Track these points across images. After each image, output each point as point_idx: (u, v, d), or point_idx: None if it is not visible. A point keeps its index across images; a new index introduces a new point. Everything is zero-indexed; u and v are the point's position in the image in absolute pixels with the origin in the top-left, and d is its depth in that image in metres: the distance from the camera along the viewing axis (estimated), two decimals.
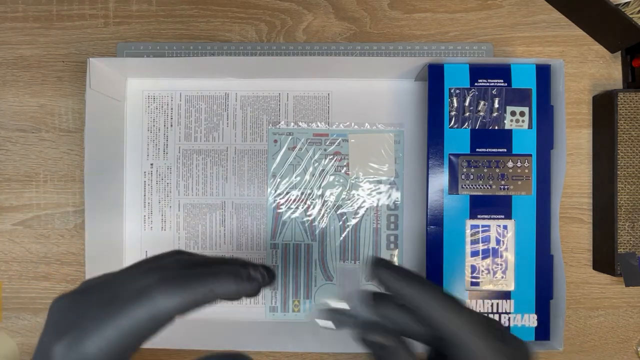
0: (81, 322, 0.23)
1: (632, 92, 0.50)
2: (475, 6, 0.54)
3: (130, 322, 0.23)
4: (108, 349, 0.23)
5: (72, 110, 0.54)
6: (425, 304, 0.24)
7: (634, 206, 0.49)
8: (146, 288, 0.24)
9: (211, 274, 0.25)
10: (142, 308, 0.23)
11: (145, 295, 0.23)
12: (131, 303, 0.23)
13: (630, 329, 0.53)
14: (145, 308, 0.23)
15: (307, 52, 0.54)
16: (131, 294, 0.24)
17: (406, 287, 0.25)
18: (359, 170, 0.53)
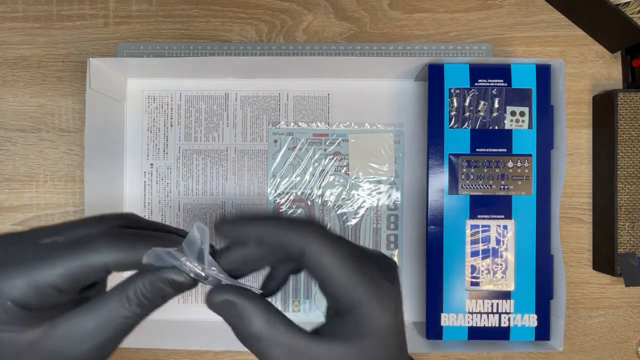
0: (10, 260, 0.23)
1: (632, 92, 0.49)
2: (475, 6, 0.54)
3: (64, 265, 0.22)
4: (35, 290, 0.22)
5: (72, 110, 0.54)
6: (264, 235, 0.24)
7: (634, 206, 0.49)
8: (88, 237, 0.23)
9: (158, 237, 0.25)
10: (79, 254, 0.23)
11: (86, 243, 0.23)
12: (68, 248, 0.23)
13: (630, 329, 0.53)
14: (82, 255, 0.23)
15: (307, 52, 0.54)
16: (70, 241, 0.23)
17: (241, 227, 0.24)
18: (359, 170, 0.53)
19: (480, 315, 0.47)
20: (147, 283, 0.23)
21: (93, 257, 0.23)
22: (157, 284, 0.23)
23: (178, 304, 0.53)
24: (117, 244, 0.23)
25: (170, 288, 0.24)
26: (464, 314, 0.47)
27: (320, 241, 0.24)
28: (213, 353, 0.53)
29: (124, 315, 0.23)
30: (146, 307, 0.24)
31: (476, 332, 0.47)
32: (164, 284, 0.24)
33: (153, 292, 0.24)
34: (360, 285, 0.23)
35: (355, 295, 0.23)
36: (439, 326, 0.47)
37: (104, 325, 0.23)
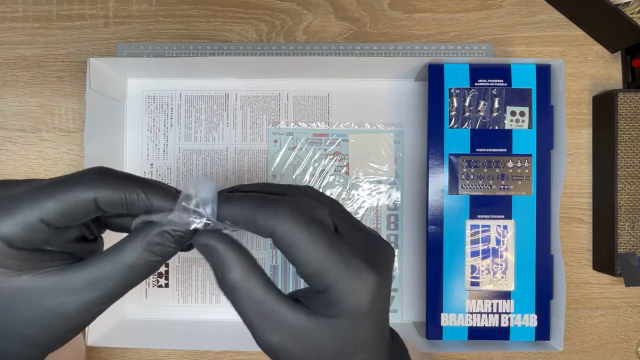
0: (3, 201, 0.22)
1: (632, 92, 0.49)
2: (475, 6, 0.54)
3: (53, 199, 0.22)
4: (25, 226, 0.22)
5: (72, 110, 0.54)
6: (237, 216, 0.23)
7: (634, 206, 0.49)
8: (77, 174, 0.23)
9: (148, 180, 0.24)
10: (67, 187, 0.22)
11: (75, 177, 0.23)
12: (57, 183, 0.23)
13: (630, 329, 0.53)
14: (70, 187, 0.22)
15: (307, 52, 0.54)
16: (61, 179, 0.23)
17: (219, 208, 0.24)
18: (359, 170, 0.53)
19: (480, 315, 0.47)
20: (149, 239, 0.23)
21: (82, 189, 0.22)
22: (158, 240, 0.23)
23: (178, 304, 0.53)
24: (105, 177, 0.23)
25: (173, 243, 0.24)
26: (464, 314, 0.47)
27: (289, 222, 0.23)
28: (213, 353, 0.53)
29: (117, 276, 0.23)
30: (147, 266, 0.23)
31: (476, 332, 0.47)
32: (167, 239, 0.23)
33: (156, 249, 0.23)
34: (331, 267, 0.23)
35: (327, 278, 0.23)
36: (439, 326, 0.47)
37: (93, 284, 0.23)
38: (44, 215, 0.22)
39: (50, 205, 0.22)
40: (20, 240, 0.22)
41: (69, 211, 0.22)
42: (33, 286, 0.22)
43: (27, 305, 0.23)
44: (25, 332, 0.23)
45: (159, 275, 0.53)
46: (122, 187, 0.23)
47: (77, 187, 0.22)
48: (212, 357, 0.53)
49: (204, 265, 0.53)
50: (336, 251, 0.23)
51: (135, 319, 0.53)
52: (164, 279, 0.53)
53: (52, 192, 0.22)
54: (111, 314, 0.50)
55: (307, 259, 0.23)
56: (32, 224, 0.22)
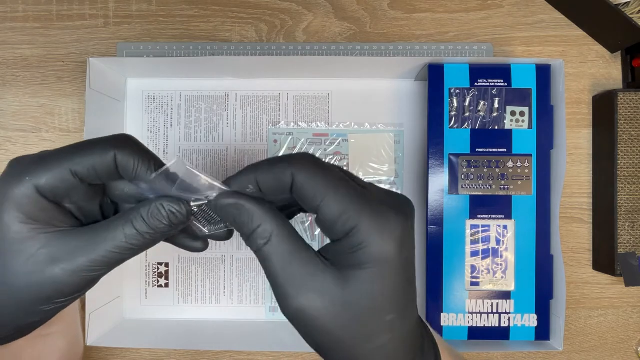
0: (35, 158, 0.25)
1: (632, 92, 0.49)
2: (475, 6, 0.54)
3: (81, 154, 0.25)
4: (57, 177, 0.24)
5: (72, 110, 0.54)
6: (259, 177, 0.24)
7: (634, 206, 0.49)
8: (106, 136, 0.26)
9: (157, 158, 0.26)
10: (94, 144, 0.25)
11: (100, 138, 0.26)
12: (85, 144, 0.25)
13: (630, 329, 0.53)
14: (96, 144, 0.25)
15: (307, 52, 0.54)
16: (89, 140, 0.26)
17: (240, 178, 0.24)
18: (359, 170, 0.53)
19: (480, 315, 0.47)
20: (144, 211, 0.24)
21: (106, 145, 0.25)
22: (153, 212, 0.24)
23: (178, 304, 0.53)
24: (129, 142, 0.26)
25: (165, 219, 0.24)
26: (464, 314, 0.47)
27: (309, 167, 0.23)
28: (213, 353, 0.53)
29: (111, 243, 0.24)
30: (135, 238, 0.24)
31: (476, 332, 0.47)
32: (159, 213, 0.24)
33: (148, 221, 0.24)
34: (355, 208, 0.22)
35: (350, 219, 0.22)
36: (439, 326, 0.47)
37: (87, 248, 0.24)
38: (72, 165, 0.24)
39: (79, 158, 0.24)
40: (50, 189, 0.24)
41: (94, 164, 0.25)
42: (34, 238, 0.24)
43: (23, 255, 0.24)
44: (15, 283, 0.24)
45: (159, 275, 0.53)
46: (139, 155, 0.25)
47: (103, 143, 0.25)
48: (212, 357, 0.53)
49: (204, 265, 0.53)
50: (359, 193, 0.23)
51: (135, 319, 0.53)
52: (164, 279, 0.53)
53: (82, 147, 0.25)
54: (111, 314, 0.50)
55: (329, 201, 0.22)
56: (62, 173, 0.24)
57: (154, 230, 0.24)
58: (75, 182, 0.24)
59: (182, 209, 0.24)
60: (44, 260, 0.24)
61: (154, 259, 0.53)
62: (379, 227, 0.22)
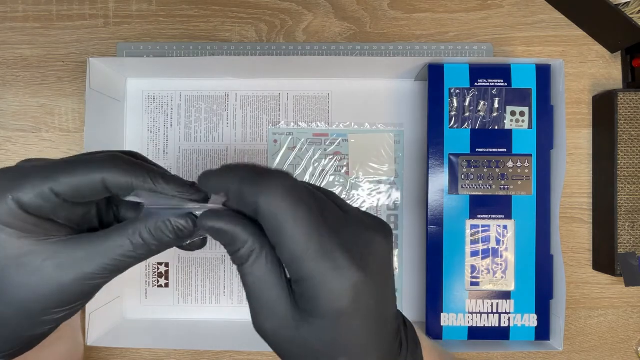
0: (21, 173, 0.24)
1: (632, 92, 0.49)
2: (475, 6, 0.54)
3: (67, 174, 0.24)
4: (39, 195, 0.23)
5: (72, 110, 0.54)
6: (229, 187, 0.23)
7: (634, 206, 0.49)
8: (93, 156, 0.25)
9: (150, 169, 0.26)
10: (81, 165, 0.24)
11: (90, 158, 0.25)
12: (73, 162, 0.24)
13: (630, 329, 0.53)
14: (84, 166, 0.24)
15: (307, 52, 0.54)
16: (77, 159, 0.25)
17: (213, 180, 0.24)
18: (359, 170, 0.53)
19: (480, 315, 0.47)
20: (151, 224, 0.24)
21: (92, 169, 0.24)
22: (160, 226, 0.24)
23: (178, 304, 0.53)
24: (116, 162, 0.24)
25: (171, 234, 0.24)
26: (464, 314, 0.47)
27: (277, 197, 0.21)
28: (213, 353, 0.53)
29: (117, 252, 0.24)
30: (142, 248, 0.24)
31: (476, 332, 0.47)
32: (166, 228, 0.24)
33: (155, 234, 0.24)
34: (309, 257, 0.21)
35: (302, 268, 0.21)
36: (439, 326, 0.47)
37: (94, 256, 0.24)
38: (53, 185, 0.23)
39: (61, 178, 0.23)
40: (32, 205, 0.23)
41: (78, 187, 0.24)
42: (36, 251, 0.24)
43: (27, 269, 0.23)
44: (21, 296, 0.24)
45: (159, 275, 0.53)
46: (131, 173, 0.24)
47: (88, 166, 0.24)
48: (212, 357, 0.53)
49: (204, 265, 0.53)
50: (317, 239, 0.21)
51: (135, 319, 0.53)
52: (164, 279, 0.53)
53: (66, 167, 0.24)
54: (111, 314, 0.50)
55: (285, 242, 0.22)
56: (43, 192, 0.23)
57: (159, 242, 0.25)
58: (60, 201, 0.24)
59: (188, 224, 0.24)
60: (52, 270, 0.24)
61: (154, 259, 0.53)
62: (330, 280, 0.21)
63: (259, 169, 0.23)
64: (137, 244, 0.24)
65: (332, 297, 0.21)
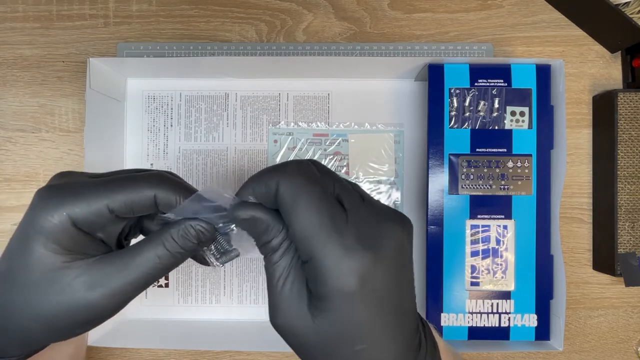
0: (74, 188, 0.25)
1: (632, 92, 0.49)
2: (475, 6, 0.54)
3: (120, 191, 0.25)
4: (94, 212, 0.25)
5: (72, 110, 0.54)
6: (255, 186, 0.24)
7: (634, 206, 0.49)
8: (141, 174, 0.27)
9: (192, 189, 0.27)
10: (133, 182, 0.25)
11: (139, 175, 0.26)
12: (124, 179, 0.26)
13: (630, 329, 0.53)
14: (135, 183, 0.25)
15: (307, 52, 0.54)
16: (125, 176, 0.26)
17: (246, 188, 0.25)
18: (359, 170, 0.53)
19: (480, 315, 0.47)
20: (174, 231, 0.25)
21: (146, 186, 0.25)
22: (182, 233, 0.25)
23: (178, 304, 0.53)
24: (164, 180, 0.26)
25: (195, 238, 0.26)
26: (464, 314, 0.47)
27: (294, 179, 0.22)
28: (213, 353, 0.53)
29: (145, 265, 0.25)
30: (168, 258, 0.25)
31: (476, 332, 0.47)
32: (189, 233, 0.25)
33: (179, 241, 0.25)
34: (318, 235, 0.22)
35: (311, 246, 0.22)
36: (439, 326, 0.47)
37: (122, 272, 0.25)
38: (111, 203, 0.25)
39: (119, 196, 0.25)
40: (85, 222, 0.25)
41: (133, 203, 0.25)
42: (68, 267, 0.24)
43: (58, 286, 0.24)
44: (50, 312, 0.24)
45: None
46: (178, 191, 0.26)
47: (143, 184, 0.25)
48: (212, 357, 0.53)
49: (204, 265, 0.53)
50: (328, 219, 0.22)
51: (135, 319, 0.53)
52: (164, 279, 0.53)
53: (122, 186, 0.25)
54: None
55: (297, 219, 0.22)
56: (100, 209, 0.25)
57: (184, 249, 0.26)
58: (111, 217, 0.25)
59: (209, 227, 0.26)
60: (81, 288, 0.24)
61: None
62: (338, 259, 0.21)
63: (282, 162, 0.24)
64: (162, 255, 0.25)
65: (339, 277, 0.21)
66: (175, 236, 0.25)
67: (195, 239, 0.26)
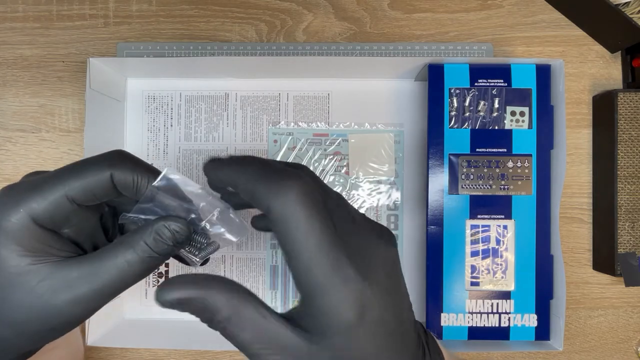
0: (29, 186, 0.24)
1: (632, 92, 0.49)
2: (475, 6, 0.54)
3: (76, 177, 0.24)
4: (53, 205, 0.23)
5: (72, 110, 0.54)
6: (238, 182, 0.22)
7: (634, 206, 0.49)
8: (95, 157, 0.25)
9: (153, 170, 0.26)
10: (88, 165, 0.24)
11: (95, 157, 0.25)
12: (79, 164, 0.24)
13: (630, 329, 0.53)
14: (91, 165, 0.24)
15: (307, 52, 0.54)
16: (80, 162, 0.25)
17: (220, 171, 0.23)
18: (359, 170, 0.53)
19: (480, 315, 0.47)
20: (147, 234, 0.24)
21: (102, 166, 0.24)
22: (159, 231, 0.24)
23: None
24: (123, 158, 0.25)
25: (170, 240, 0.24)
26: (464, 314, 0.47)
27: (290, 203, 0.20)
28: (213, 353, 0.53)
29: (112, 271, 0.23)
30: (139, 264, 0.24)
31: (476, 332, 0.47)
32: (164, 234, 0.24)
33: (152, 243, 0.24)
34: (320, 269, 0.20)
35: (313, 280, 0.20)
36: (439, 326, 0.47)
37: (88, 277, 0.23)
38: (68, 191, 0.23)
39: (74, 182, 0.23)
40: (46, 216, 0.23)
41: (90, 187, 0.24)
42: (32, 270, 0.23)
43: (23, 289, 0.23)
44: (16, 317, 0.23)
45: (158, 275, 0.53)
46: (137, 170, 0.25)
47: (98, 164, 0.24)
48: (212, 357, 0.53)
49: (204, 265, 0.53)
50: (328, 251, 0.21)
51: (135, 319, 0.53)
52: (164, 279, 0.53)
53: (75, 171, 0.24)
54: (111, 314, 0.50)
55: (295, 252, 0.20)
56: (57, 200, 0.23)
57: (158, 254, 0.24)
58: (73, 207, 0.24)
59: (184, 225, 0.24)
60: (45, 292, 0.23)
61: None
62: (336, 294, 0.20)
63: (272, 167, 0.22)
64: (132, 261, 0.23)
65: (339, 310, 0.21)
66: (147, 240, 0.23)
67: (171, 241, 0.24)
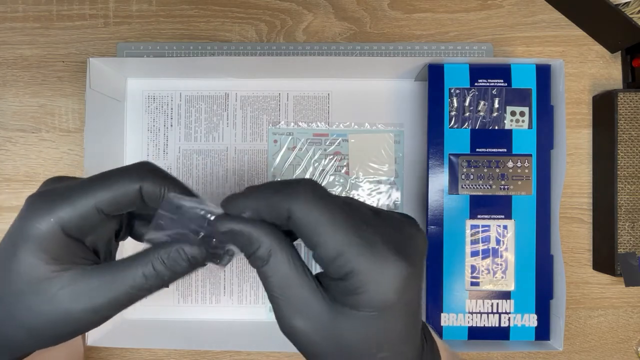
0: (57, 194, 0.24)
1: (632, 92, 0.49)
2: (475, 6, 0.54)
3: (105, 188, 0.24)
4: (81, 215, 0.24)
5: (72, 110, 0.54)
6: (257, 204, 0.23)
7: (634, 206, 0.49)
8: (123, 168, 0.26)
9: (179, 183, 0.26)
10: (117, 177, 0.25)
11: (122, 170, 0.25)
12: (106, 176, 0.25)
13: (630, 329, 0.53)
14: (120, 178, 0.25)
15: (307, 52, 0.54)
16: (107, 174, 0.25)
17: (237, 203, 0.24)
18: (359, 170, 0.53)
19: (480, 315, 0.47)
20: (164, 253, 0.24)
21: (131, 178, 0.24)
22: (174, 255, 0.24)
23: (178, 304, 0.53)
24: (151, 170, 0.25)
25: (185, 262, 0.24)
26: (464, 314, 0.47)
27: (308, 199, 0.22)
28: (213, 353, 0.53)
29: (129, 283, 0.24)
30: (154, 278, 0.24)
31: (476, 332, 0.47)
32: (180, 257, 0.24)
33: (169, 263, 0.24)
34: (352, 251, 0.21)
35: (346, 263, 0.21)
36: (439, 326, 0.47)
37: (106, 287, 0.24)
38: (98, 202, 0.24)
39: (104, 193, 0.24)
40: (75, 226, 0.24)
41: (119, 198, 0.24)
42: (55, 278, 0.24)
43: (44, 295, 0.23)
44: (33, 322, 0.24)
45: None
46: (163, 183, 0.25)
47: (127, 176, 0.25)
48: (212, 357, 0.53)
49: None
50: (357, 233, 0.22)
51: (135, 319, 0.53)
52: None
53: (105, 182, 0.24)
54: None
55: (324, 242, 0.21)
56: (88, 210, 0.24)
57: (172, 272, 0.25)
58: (100, 217, 0.24)
59: (202, 252, 0.25)
60: (65, 300, 0.23)
61: None
62: (378, 273, 0.21)
63: (284, 181, 0.23)
64: (150, 275, 0.24)
65: (380, 290, 0.21)
66: (164, 257, 0.24)
67: (186, 262, 0.25)
